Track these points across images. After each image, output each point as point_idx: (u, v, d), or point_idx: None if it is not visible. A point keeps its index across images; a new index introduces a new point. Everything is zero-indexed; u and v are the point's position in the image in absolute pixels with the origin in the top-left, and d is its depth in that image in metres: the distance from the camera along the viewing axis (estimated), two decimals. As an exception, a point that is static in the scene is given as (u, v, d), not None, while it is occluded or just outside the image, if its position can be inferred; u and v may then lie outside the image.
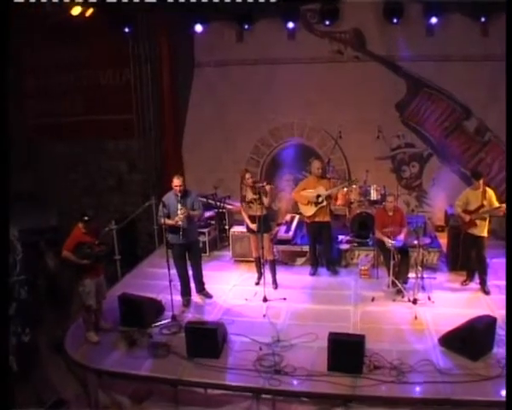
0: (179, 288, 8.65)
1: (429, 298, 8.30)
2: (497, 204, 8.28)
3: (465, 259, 8.99)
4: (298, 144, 12.37)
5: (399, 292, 8.49)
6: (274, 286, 9.04)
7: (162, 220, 8.14)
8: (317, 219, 9.39)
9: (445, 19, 10.76)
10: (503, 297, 7.44)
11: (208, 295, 8.80)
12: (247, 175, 8.89)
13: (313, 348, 7.08)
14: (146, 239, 12.85)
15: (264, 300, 8.32)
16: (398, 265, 8.61)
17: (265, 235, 8.84)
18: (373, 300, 8.44)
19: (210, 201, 11.22)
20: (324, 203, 9.29)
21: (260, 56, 11.94)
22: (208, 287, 8.92)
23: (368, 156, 11.91)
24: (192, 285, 8.79)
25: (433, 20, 10.71)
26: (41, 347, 8.40)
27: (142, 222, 12.54)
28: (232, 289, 9.20)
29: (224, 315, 8.18)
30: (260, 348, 7.04)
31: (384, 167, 12.12)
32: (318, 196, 9.27)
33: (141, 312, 7.77)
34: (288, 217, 10.92)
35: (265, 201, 8.63)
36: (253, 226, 8.70)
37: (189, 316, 8.16)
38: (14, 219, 11.44)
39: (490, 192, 8.44)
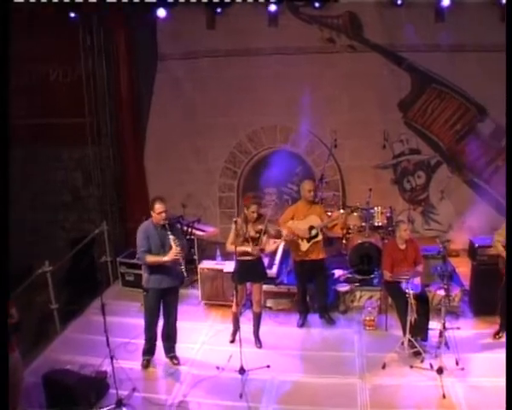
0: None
1: (457, 362, 6.38)
2: None
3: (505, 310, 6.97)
4: (282, 151, 10.52)
5: (417, 354, 6.56)
6: (258, 345, 7.16)
7: (148, 258, 6.40)
8: (309, 258, 7.46)
9: (458, 1, 9.04)
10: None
11: (175, 361, 6.81)
12: (254, 207, 6.84)
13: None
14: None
15: (241, 371, 6.29)
16: (414, 317, 6.65)
17: (257, 285, 7.07)
18: (384, 367, 6.48)
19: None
20: (319, 237, 7.37)
21: (236, 46, 10.17)
22: (171, 345, 6.99)
23: (365, 165, 10.37)
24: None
25: (445, 2, 9.03)
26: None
27: (101, 245, 10.51)
28: (200, 348, 7.17)
29: (187, 395, 6.15)
30: None
31: (384, 178, 10.52)
32: (311, 227, 7.32)
33: (71, 398, 5.73)
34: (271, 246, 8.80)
35: (267, 246, 7.01)
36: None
37: (139, 398, 6.08)
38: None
39: None
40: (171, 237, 6.35)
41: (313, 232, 7.35)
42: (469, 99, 9.93)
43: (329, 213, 7.96)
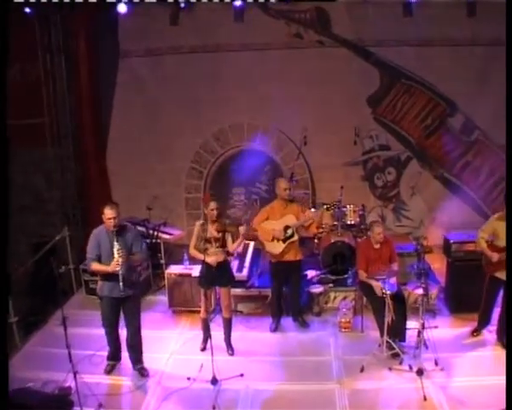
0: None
1: (436, 363, 6.21)
2: None
3: (487, 307, 6.85)
4: (249, 150, 10.23)
5: (396, 355, 6.36)
6: (230, 352, 6.84)
7: (93, 266, 6.16)
8: (285, 259, 7.15)
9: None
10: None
11: (144, 373, 6.44)
12: (213, 204, 6.53)
13: None
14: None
15: (214, 381, 5.98)
16: (392, 317, 6.44)
17: (224, 289, 6.73)
18: (362, 370, 6.26)
19: (141, 229, 8.71)
20: (295, 237, 7.06)
21: (200, 42, 9.81)
22: (140, 356, 6.61)
23: (334, 162, 10.12)
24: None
25: (413, -4, 8.89)
26: None
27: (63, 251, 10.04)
28: (170, 358, 6.80)
29: (157, 409, 5.78)
30: None
31: (354, 175, 10.34)
32: (287, 227, 7.03)
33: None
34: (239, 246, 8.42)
35: (230, 246, 6.65)
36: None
37: (105, 417, 5.73)
38: None
39: None
40: (115, 245, 5.98)
41: (289, 232, 7.02)
42: (438, 93, 9.79)
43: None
